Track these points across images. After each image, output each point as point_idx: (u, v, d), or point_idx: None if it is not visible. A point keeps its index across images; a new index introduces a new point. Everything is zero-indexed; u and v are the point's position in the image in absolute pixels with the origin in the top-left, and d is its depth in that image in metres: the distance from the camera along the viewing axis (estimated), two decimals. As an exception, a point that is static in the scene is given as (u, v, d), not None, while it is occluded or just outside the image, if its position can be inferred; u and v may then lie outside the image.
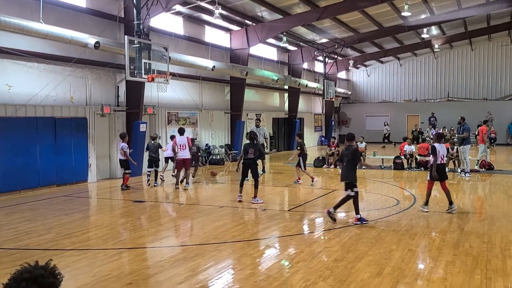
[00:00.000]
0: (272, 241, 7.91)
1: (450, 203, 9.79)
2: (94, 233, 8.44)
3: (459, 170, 16.63)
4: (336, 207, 9.07)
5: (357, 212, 8.85)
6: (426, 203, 9.98)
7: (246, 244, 7.56)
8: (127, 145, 13.48)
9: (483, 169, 17.00)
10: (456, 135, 17.38)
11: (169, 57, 15.53)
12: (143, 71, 13.97)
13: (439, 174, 9.75)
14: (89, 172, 15.11)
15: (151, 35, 16.30)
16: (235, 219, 9.73)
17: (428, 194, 9.99)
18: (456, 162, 17.34)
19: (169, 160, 15.46)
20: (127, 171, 13.56)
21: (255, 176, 11.24)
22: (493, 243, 7.38)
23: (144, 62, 14.04)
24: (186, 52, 18.69)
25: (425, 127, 32.10)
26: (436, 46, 32.11)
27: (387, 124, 33.79)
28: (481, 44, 35.08)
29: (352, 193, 8.83)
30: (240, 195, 11.43)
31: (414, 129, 32.09)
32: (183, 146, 13.56)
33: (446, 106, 34.42)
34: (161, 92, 16.24)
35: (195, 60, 18.33)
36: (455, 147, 17.20)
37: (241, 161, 11.40)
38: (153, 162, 14.43)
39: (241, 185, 11.56)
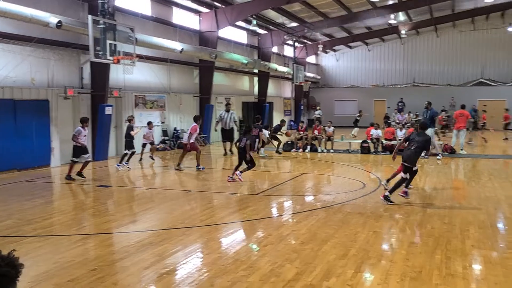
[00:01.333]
0: (240, 225, 7.91)
1: (388, 180, 10.26)
2: (57, 218, 8.25)
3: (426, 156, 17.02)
4: (392, 190, 9.23)
5: (391, 191, 9.19)
6: (388, 181, 10.27)
7: (214, 228, 7.54)
8: (82, 130, 12.23)
9: (446, 153, 17.43)
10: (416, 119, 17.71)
11: (136, 39, 15.20)
12: (108, 53, 13.63)
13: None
14: (52, 156, 14.71)
15: (117, 15, 15.89)
16: (204, 204, 9.69)
17: (394, 175, 10.19)
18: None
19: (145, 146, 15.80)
20: (74, 159, 12.27)
21: (246, 163, 11.98)
22: (453, 224, 7.60)
23: (109, 43, 13.69)
24: (154, 34, 18.31)
25: (392, 112, 32.64)
26: (403, 32, 32.52)
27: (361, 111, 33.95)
28: (446, 31, 35.73)
29: (407, 176, 9.22)
30: (230, 176, 11.94)
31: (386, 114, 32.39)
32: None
33: (412, 91, 35.05)
34: (128, 75, 15.90)
35: (163, 42, 18.00)
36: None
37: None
38: (126, 144, 14.46)
39: (235, 168, 12.07)
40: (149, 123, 16.15)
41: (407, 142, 9.50)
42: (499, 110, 29.25)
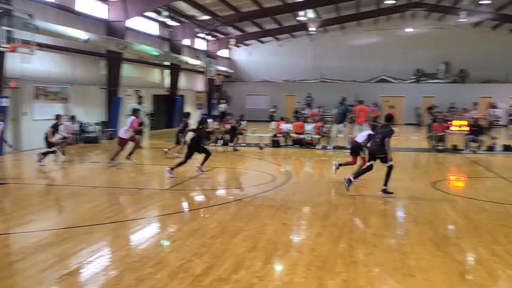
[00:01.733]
0: (148, 220, 7.71)
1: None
2: None
3: (330, 147, 17.77)
4: (386, 182, 9.37)
5: (385, 183, 9.36)
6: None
7: (120, 225, 7.27)
8: None
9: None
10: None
11: (35, 26, 14.20)
12: (3, 40, 12.61)
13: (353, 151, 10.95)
14: None
15: (15, 0, 14.72)
16: (110, 200, 9.31)
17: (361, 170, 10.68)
18: (327, 139, 18.45)
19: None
20: None
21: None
22: (356, 214, 7.98)
23: (5, 30, 12.67)
24: (56, 22, 17.22)
25: (301, 106, 33.63)
26: (312, 29, 33.57)
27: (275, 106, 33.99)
28: (351, 30, 37.44)
29: (391, 163, 9.31)
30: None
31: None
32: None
33: (320, 86, 36.38)
34: (26, 64, 14.82)
35: (66, 31, 16.99)
36: (329, 125, 18.50)
37: None
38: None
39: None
40: (73, 117, 15.44)
41: (372, 138, 9.89)
42: (398, 106, 31.25)
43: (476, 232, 6.96)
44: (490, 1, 24.39)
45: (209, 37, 30.05)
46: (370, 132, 10.74)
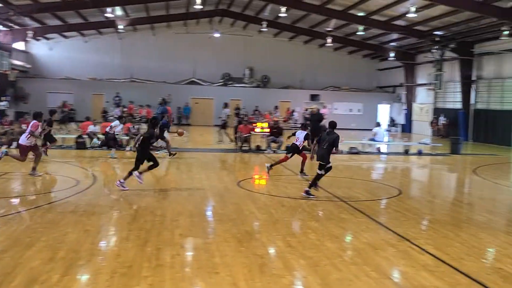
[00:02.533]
0: None
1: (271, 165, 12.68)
2: None
3: (128, 148, 17.36)
4: (311, 185, 9.84)
5: (310, 186, 9.86)
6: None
7: None
8: None
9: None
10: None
11: None
12: None
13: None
14: None
15: None
16: None
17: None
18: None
19: None
20: None
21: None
22: (164, 216, 7.92)
23: None
24: None
25: (110, 106, 32.31)
26: (120, 27, 32.49)
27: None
28: (161, 31, 37.34)
29: (323, 172, 9.75)
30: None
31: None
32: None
33: (130, 86, 35.45)
34: None
35: None
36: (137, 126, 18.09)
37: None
38: None
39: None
40: None
41: (319, 143, 9.95)
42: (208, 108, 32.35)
43: (275, 226, 7.52)
44: (286, 15, 26.85)
45: (1, 27, 26.71)
46: (307, 132, 12.67)
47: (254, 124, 20.93)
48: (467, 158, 19.53)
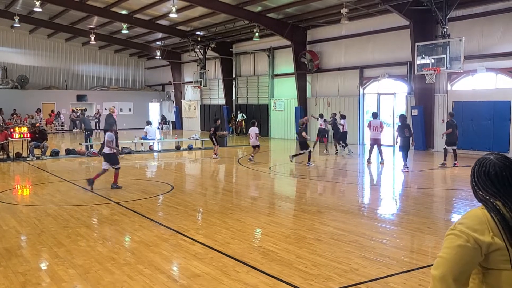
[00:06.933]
0: None
1: None
2: None
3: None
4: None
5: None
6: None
7: None
8: None
9: None
10: None
11: None
12: None
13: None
14: None
15: None
16: None
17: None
18: None
19: None
20: None
21: None
22: None
23: None
24: None
25: None
26: None
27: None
28: None
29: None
30: None
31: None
32: None
33: None
34: None
35: None
36: None
37: None
38: None
39: None
40: None
41: None
42: None
43: (40, 238, 6.92)
44: (41, 10, 24.60)
45: None
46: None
47: (11, 130, 18.74)
48: (232, 150, 21.25)
